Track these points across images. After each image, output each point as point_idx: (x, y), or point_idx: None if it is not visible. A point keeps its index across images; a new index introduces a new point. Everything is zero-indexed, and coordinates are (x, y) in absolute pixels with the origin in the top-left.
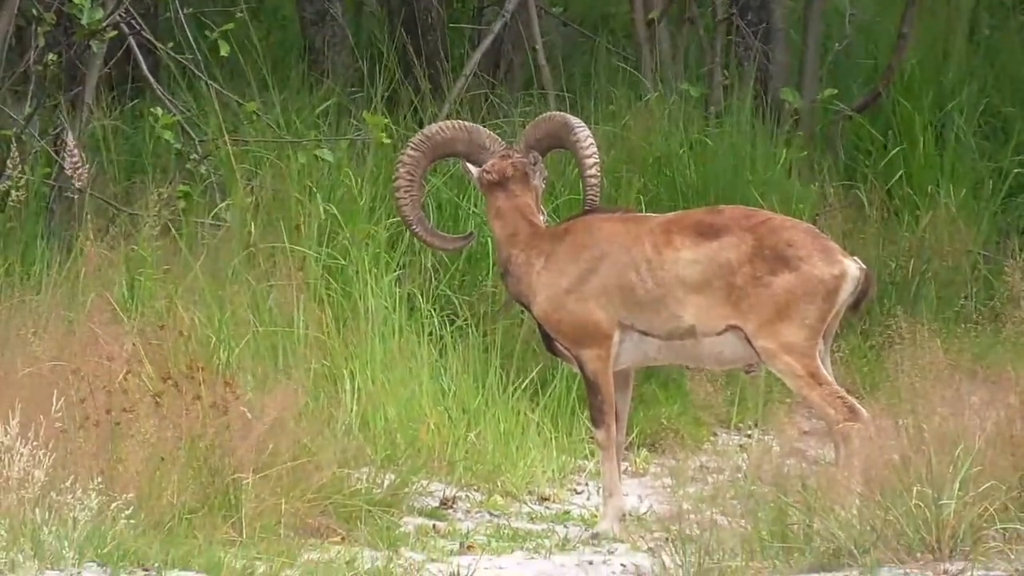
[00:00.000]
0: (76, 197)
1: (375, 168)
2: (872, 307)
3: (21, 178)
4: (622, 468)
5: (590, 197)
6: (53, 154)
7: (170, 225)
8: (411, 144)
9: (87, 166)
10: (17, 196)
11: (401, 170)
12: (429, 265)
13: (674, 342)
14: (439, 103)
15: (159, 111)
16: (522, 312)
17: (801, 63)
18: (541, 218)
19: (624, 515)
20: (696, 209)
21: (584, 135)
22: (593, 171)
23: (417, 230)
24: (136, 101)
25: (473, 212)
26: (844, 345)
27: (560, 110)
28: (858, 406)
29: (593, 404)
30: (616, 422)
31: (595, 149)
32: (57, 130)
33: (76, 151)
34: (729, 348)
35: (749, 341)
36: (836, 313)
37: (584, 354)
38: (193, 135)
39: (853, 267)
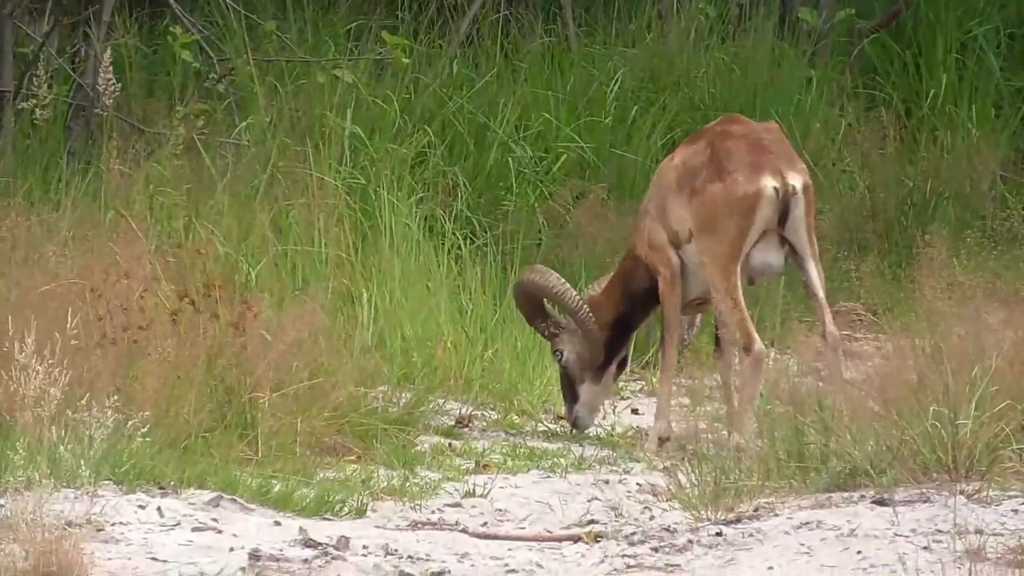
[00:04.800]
0: (94, 116)
1: (397, 87)
2: (891, 226)
3: (46, 97)
4: (639, 387)
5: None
6: (71, 72)
7: (197, 140)
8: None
9: (114, 83)
10: (41, 115)
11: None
12: (449, 184)
13: (682, 249)
14: (457, 22)
15: (178, 30)
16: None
17: None
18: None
19: (664, 440)
20: None
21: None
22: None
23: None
24: (156, 21)
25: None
26: (862, 265)
27: (579, 31)
28: (756, 339)
29: (662, 325)
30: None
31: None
32: (75, 49)
33: (110, 67)
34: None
35: None
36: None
37: (659, 279)
38: (212, 54)
39: (768, 186)
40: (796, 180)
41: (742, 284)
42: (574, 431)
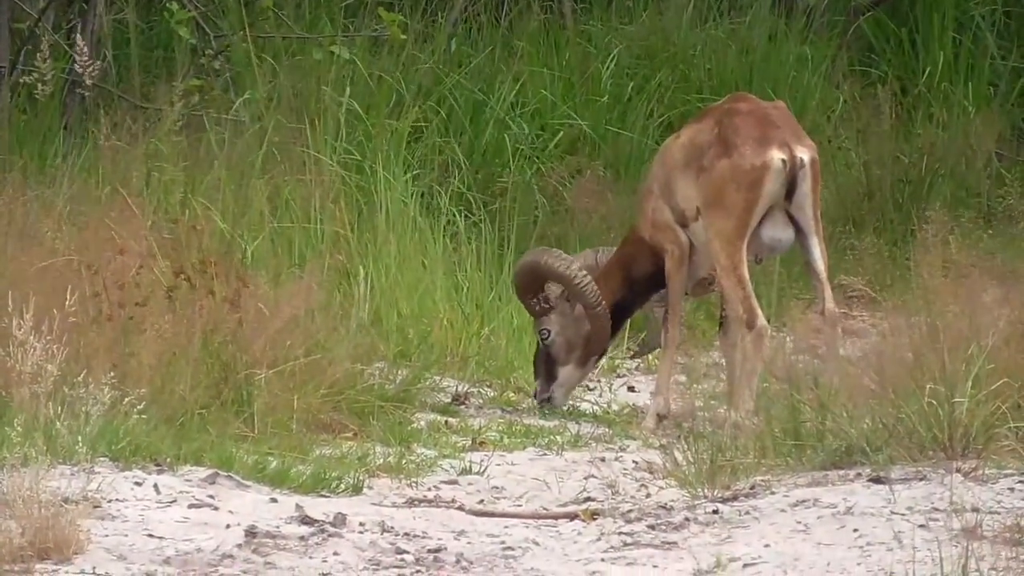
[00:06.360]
0: (88, 93)
1: (393, 64)
2: (887, 204)
3: (47, 72)
4: (636, 365)
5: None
6: (67, 48)
7: (203, 114)
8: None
9: (99, 63)
10: (43, 90)
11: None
12: (446, 161)
13: (688, 228)
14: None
15: (174, 6)
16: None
17: None
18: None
19: (662, 417)
20: None
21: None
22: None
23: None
24: None
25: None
26: (858, 243)
27: (576, 8)
28: (759, 315)
29: (666, 304)
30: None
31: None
32: (71, 24)
33: (85, 48)
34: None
35: None
36: (772, 203)
37: (665, 258)
38: (208, 31)
39: (776, 159)
40: (804, 154)
41: (749, 262)
42: (544, 408)
